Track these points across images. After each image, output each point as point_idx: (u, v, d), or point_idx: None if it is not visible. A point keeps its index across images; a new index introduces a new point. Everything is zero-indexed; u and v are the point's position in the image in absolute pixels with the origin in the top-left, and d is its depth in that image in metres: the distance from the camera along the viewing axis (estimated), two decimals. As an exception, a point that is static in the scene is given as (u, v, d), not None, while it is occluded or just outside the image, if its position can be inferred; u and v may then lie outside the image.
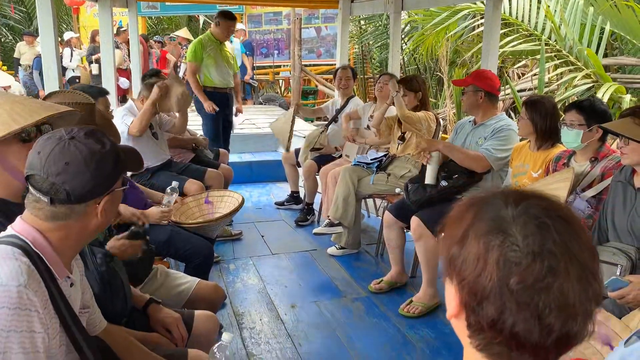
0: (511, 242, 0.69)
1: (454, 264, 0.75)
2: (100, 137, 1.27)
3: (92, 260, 1.72)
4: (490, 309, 0.70)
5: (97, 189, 1.22)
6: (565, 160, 2.64)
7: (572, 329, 0.69)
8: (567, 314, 0.68)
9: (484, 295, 0.70)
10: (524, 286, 0.68)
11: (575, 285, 0.69)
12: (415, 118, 3.73)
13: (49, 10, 3.39)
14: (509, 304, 0.68)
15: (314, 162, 4.65)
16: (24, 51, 10.07)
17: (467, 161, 3.17)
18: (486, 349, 0.74)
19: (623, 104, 4.78)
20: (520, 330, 0.69)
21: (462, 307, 0.74)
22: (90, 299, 1.44)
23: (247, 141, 6.97)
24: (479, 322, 0.72)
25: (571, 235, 0.71)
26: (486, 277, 0.70)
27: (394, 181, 3.83)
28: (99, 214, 1.24)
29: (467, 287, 0.72)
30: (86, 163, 1.20)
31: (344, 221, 3.86)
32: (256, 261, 3.90)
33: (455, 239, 0.75)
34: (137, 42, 6.26)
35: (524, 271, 0.68)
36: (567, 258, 0.69)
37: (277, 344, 2.79)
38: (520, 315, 0.68)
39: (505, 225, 0.71)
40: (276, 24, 11.46)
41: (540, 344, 0.69)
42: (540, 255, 0.68)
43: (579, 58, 5.59)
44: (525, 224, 0.71)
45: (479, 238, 0.72)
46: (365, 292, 3.39)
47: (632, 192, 2.11)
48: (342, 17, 5.96)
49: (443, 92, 7.79)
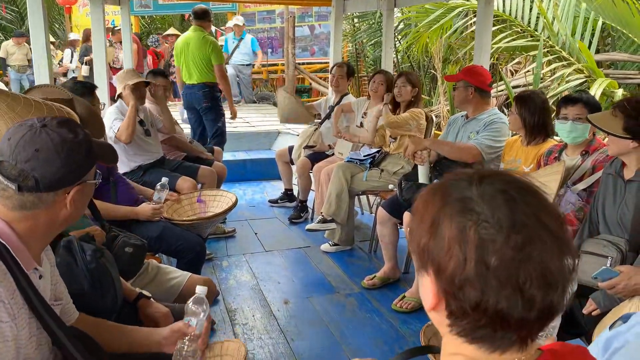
0: (482, 219, 0.69)
1: (427, 253, 0.73)
2: (74, 126, 1.25)
3: (81, 256, 1.72)
4: (473, 291, 0.68)
5: (67, 178, 1.20)
6: (556, 154, 2.65)
7: (554, 299, 0.69)
8: (548, 284, 0.68)
9: (464, 279, 0.69)
10: (502, 262, 0.67)
11: (552, 253, 0.68)
12: (401, 120, 3.74)
13: (39, 9, 3.38)
14: (490, 283, 0.67)
15: (307, 159, 4.64)
16: (12, 51, 10.05)
17: (456, 153, 3.17)
18: (470, 333, 0.73)
19: (615, 98, 4.80)
20: (504, 307, 0.68)
21: (440, 296, 0.73)
22: (63, 290, 1.42)
23: (241, 139, 6.96)
24: (461, 308, 0.70)
25: (538, 206, 0.71)
26: (464, 260, 0.69)
27: (387, 177, 3.84)
28: (68, 204, 1.22)
29: (445, 275, 0.71)
30: (57, 151, 1.18)
31: (337, 218, 3.86)
32: (249, 258, 3.89)
33: (425, 227, 0.74)
34: (130, 40, 6.23)
35: (501, 247, 0.67)
36: (539, 227, 0.69)
37: (269, 340, 2.79)
38: (503, 292, 0.67)
39: (472, 204, 0.70)
40: (269, 23, 11.45)
41: (525, 319, 0.69)
42: (513, 227, 0.68)
43: (572, 53, 5.61)
44: (492, 199, 0.70)
45: (450, 221, 0.71)
46: (358, 288, 3.39)
47: (621, 185, 2.12)
48: (335, 14, 5.96)
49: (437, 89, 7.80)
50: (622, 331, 1.09)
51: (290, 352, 2.68)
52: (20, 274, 1.15)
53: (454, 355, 0.76)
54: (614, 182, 2.16)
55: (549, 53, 5.71)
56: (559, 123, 2.55)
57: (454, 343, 0.75)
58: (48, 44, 3.51)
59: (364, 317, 3.04)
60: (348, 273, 3.63)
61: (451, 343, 0.76)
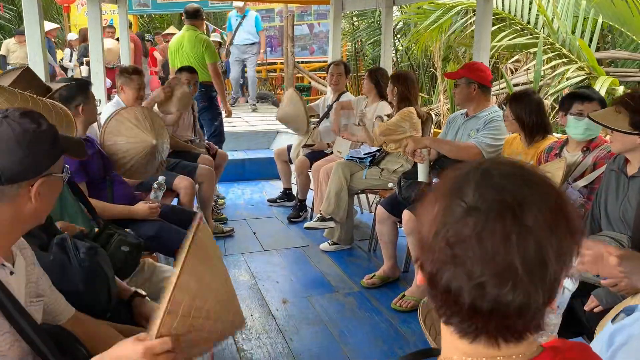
0: (461, 198, 0.69)
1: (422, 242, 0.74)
2: (37, 117, 1.21)
3: (74, 254, 1.69)
4: (428, 264, 0.70)
5: (29, 170, 1.16)
6: (557, 151, 2.62)
7: (506, 297, 0.66)
8: (501, 278, 0.66)
9: (427, 249, 0.70)
10: (456, 240, 0.67)
11: (515, 250, 0.65)
12: (392, 125, 3.72)
13: (34, 6, 3.36)
14: (443, 258, 0.68)
15: (306, 158, 4.61)
16: (14, 50, 10.01)
17: (456, 152, 3.14)
18: (446, 321, 0.73)
19: (616, 95, 4.78)
20: (453, 287, 0.68)
21: (424, 278, 0.73)
22: (47, 287, 1.38)
23: (240, 139, 6.94)
24: (430, 281, 0.71)
25: (532, 202, 0.67)
26: (430, 233, 0.70)
27: (387, 176, 3.81)
28: (32, 198, 1.18)
29: (418, 243, 0.73)
30: (18, 142, 1.14)
31: (336, 216, 3.84)
32: (248, 257, 3.86)
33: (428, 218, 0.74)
34: (127, 39, 6.21)
35: (458, 224, 0.67)
36: (509, 219, 0.66)
37: (268, 340, 2.76)
38: (452, 270, 0.67)
39: (463, 186, 0.70)
40: (268, 21, 11.40)
41: (476, 307, 0.67)
42: (478, 210, 0.67)
43: (572, 51, 5.59)
44: (481, 183, 0.69)
45: (439, 201, 0.72)
46: (358, 287, 3.36)
47: (624, 180, 2.09)
48: (334, 12, 5.94)
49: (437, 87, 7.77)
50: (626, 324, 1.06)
51: (288, 351, 2.65)
52: None
53: (450, 350, 0.75)
54: (616, 179, 2.13)
55: (549, 50, 5.69)
56: (575, 119, 2.48)
57: (445, 334, 0.76)
58: (44, 41, 3.49)
59: (363, 317, 3.01)
60: (347, 272, 3.60)
61: (446, 339, 0.76)
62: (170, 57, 5.36)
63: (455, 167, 0.76)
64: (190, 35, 5.12)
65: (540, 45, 5.42)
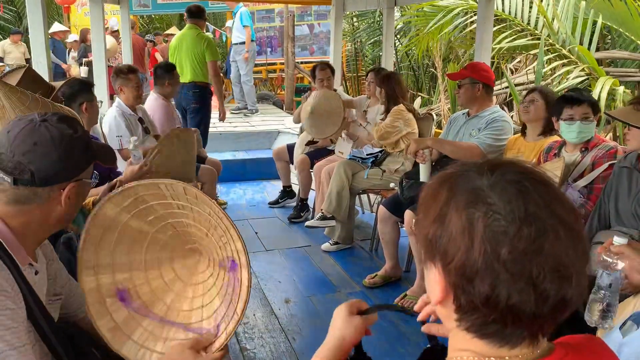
0: (494, 210, 0.67)
1: (435, 245, 0.71)
2: (74, 124, 1.25)
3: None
4: (483, 285, 0.66)
5: (63, 174, 1.19)
6: (556, 151, 2.65)
7: (567, 293, 0.67)
8: (561, 277, 0.66)
9: (474, 271, 0.67)
10: (515, 255, 0.65)
11: (566, 245, 0.66)
12: (387, 127, 3.77)
13: (38, 7, 3.38)
14: (502, 276, 0.66)
15: (306, 156, 4.62)
16: (9, 50, 10.03)
17: (459, 152, 3.15)
18: (479, 329, 0.71)
19: (617, 96, 4.81)
20: (516, 301, 0.66)
21: (449, 289, 0.71)
22: (66, 282, 1.41)
23: (241, 139, 6.95)
24: (471, 302, 0.68)
25: (552, 197, 0.69)
26: (474, 253, 0.66)
27: (388, 176, 3.83)
28: (62, 202, 1.20)
29: (454, 267, 0.68)
30: (55, 145, 1.17)
31: (337, 215, 3.85)
32: (250, 257, 3.84)
33: (433, 217, 0.72)
34: (129, 39, 6.22)
35: (513, 239, 0.65)
36: (552, 219, 0.67)
37: (270, 339, 2.77)
38: (515, 286, 0.66)
39: (483, 195, 0.68)
40: (268, 22, 11.42)
41: (537, 314, 0.67)
42: (526, 219, 0.66)
43: (572, 52, 5.60)
44: (504, 190, 0.68)
45: (459, 212, 0.69)
46: (360, 287, 3.38)
47: (637, 177, 2.13)
48: (336, 13, 5.96)
49: (437, 87, 7.79)
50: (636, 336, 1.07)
51: (291, 351, 2.66)
52: (15, 270, 1.14)
53: (462, 351, 0.74)
54: (628, 175, 2.17)
55: (549, 51, 5.70)
56: (566, 124, 2.51)
57: (463, 338, 0.73)
58: (47, 41, 3.51)
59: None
60: (349, 272, 3.62)
61: (459, 337, 0.74)
62: (171, 55, 5.35)
63: (448, 173, 0.75)
64: (192, 34, 5.13)
65: (542, 47, 5.44)
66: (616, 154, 2.43)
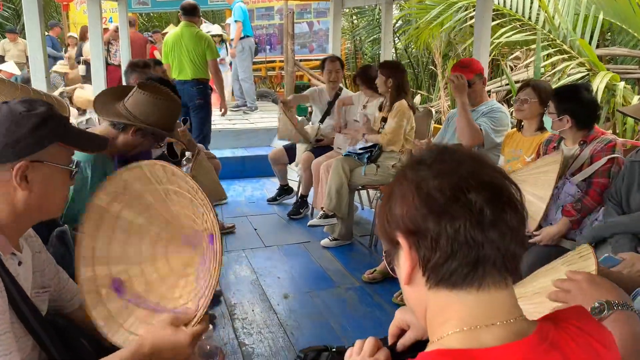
0: (422, 165, 0.76)
1: (389, 222, 0.77)
2: (35, 103, 1.19)
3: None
4: (432, 224, 0.71)
5: (7, 151, 1.13)
6: (555, 144, 2.64)
7: (506, 217, 0.71)
8: (484, 185, 0.71)
9: (421, 216, 0.72)
10: (440, 182, 0.72)
11: (479, 165, 0.75)
12: (393, 130, 3.79)
13: (34, 5, 3.37)
14: (439, 201, 0.71)
15: (311, 153, 4.59)
16: (9, 48, 10.04)
17: (467, 129, 3.10)
18: (449, 275, 0.72)
19: (617, 92, 4.79)
20: (459, 226, 0.70)
21: (413, 253, 0.73)
22: (54, 275, 1.38)
23: (240, 136, 6.94)
24: (430, 247, 0.71)
25: (481, 165, 0.76)
26: (414, 200, 0.73)
27: (384, 172, 3.83)
28: (16, 183, 1.14)
29: (404, 224, 0.74)
30: (0, 122, 1.14)
31: (338, 212, 3.84)
32: (249, 254, 3.87)
33: (384, 202, 0.79)
34: (127, 37, 6.21)
35: (432, 166, 0.74)
36: (462, 160, 0.75)
37: (269, 334, 2.77)
38: (452, 209, 0.70)
39: (420, 161, 0.77)
40: (268, 19, 11.39)
41: (488, 238, 0.70)
42: (443, 153, 0.77)
43: (572, 47, 5.59)
44: (437, 157, 0.77)
45: (401, 184, 0.77)
46: (359, 282, 3.37)
47: None
48: (335, 9, 5.94)
49: (437, 84, 7.77)
50: None
51: (290, 346, 2.66)
52: None
53: (442, 324, 0.73)
54: None
55: (550, 47, 5.69)
56: None
57: (440, 302, 0.74)
58: (44, 39, 3.49)
59: (364, 311, 3.01)
60: (348, 267, 3.61)
61: (435, 304, 0.74)
62: (166, 52, 5.28)
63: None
64: (190, 32, 5.11)
65: (539, 41, 5.42)
66: (615, 147, 2.42)
